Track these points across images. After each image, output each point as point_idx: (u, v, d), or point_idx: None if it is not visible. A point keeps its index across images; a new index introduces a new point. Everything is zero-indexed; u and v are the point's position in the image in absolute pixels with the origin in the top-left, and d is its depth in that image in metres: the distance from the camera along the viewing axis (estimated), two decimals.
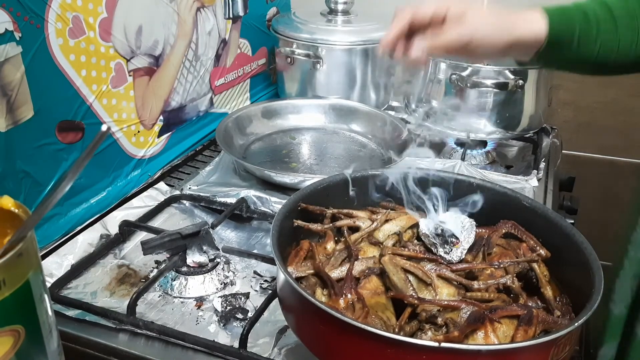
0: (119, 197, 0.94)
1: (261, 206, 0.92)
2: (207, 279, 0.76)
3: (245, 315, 0.71)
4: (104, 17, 0.85)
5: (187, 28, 1.05)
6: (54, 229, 0.82)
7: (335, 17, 1.21)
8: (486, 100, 1.08)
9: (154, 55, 0.98)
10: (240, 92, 1.28)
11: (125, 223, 0.85)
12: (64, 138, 0.82)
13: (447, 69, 1.09)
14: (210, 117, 1.18)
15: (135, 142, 0.97)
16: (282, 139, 1.14)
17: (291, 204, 0.66)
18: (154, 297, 0.75)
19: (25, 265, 0.40)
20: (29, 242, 0.41)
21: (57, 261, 0.78)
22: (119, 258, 0.82)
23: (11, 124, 0.73)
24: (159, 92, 1.01)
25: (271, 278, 0.79)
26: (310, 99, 1.20)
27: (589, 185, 1.33)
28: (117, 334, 0.68)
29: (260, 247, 0.87)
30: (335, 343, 0.52)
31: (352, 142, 1.15)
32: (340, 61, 1.17)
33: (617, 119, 1.39)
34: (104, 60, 0.87)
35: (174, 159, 1.07)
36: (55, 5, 0.77)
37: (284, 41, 1.20)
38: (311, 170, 1.03)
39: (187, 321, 0.71)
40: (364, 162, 1.06)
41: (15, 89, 0.73)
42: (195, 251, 0.77)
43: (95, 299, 0.74)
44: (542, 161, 1.09)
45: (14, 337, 0.40)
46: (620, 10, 0.74)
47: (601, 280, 0.54)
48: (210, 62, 1.14)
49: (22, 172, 0.76)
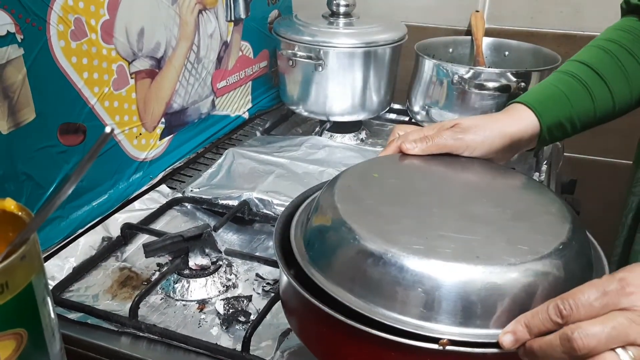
0: (121, 200, 0.94)
1: (263, 209, 0.92)
2: (210, 282, 0.76)
3: (247, 318, 0.71)
4: (105, 19, 0.85)
5: (188, 30, 1.05)
6: (55, 231, 0.82)
7: (337, 20, 1.21)
8: (488, 103, 1.08)
9: (155, 57, 0.98)
10: (242, 94, 1.28)
11: (127, 226, 0.85)
12: (65, 140, 0.82)
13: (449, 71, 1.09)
14: (212, 119, 1.18)
15: (137, 144, 0.97)
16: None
17: (294, 206, 0.66)
18: (156, 300, 0.75)
19: (28, 268, 0.40)
20: (32, 244, 0.41)
21: (59, 264, 0.78)
22: (121, 261, 0.82)
23: (13, 127, 0.73)
24: (160, 95, 1.01)
25: (273, 281, 0.78)
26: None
27: (590, 187, 1.33)
28: (119, 337, 0.68)
29: (263, 249, 0.87)
30: (338, 346, 0.52)
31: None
32: (342, 63, 1.17)
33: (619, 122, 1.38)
34: (105, 63, 0.87)
35: (176, 162, 1.07)
36: (57, 8, 0.77)
37: (285, 44, 1.19)
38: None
39: (190, 324, 0.71)
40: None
41: (17, 91, 0.73)
42: (197, 254, 0.76)
43: (97, 301, 0.74)
44: (544, 163, 1.08)
45: (17, 340, 0.39)
46: (604, 66, 0.76)
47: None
48: (212, 64, 1.14)
49: (24, 174, 0.76)
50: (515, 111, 0.73)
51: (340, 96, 1.20)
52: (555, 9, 1.32)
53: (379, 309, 0.49)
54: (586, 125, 0.77)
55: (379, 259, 0.50)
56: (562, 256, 0.50)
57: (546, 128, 0.73)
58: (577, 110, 0.75)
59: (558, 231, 0.53)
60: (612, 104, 0.76)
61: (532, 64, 1.20)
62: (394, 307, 0.49)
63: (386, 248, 0.50)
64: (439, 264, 0.49)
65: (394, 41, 1.19)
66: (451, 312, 0.48)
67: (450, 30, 1.39)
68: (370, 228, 0.52)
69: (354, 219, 0.54)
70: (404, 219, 0.56)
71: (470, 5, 1.37)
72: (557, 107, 0.74)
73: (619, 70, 0.76)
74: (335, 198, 0.57)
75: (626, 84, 0.76)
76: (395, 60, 1.22)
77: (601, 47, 0.78)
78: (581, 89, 0.75)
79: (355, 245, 0.52)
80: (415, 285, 0.48)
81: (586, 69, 0.76)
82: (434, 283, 0.48)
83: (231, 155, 1.08)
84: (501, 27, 1.36)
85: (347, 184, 0.60)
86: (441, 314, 0.48)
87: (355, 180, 0.62)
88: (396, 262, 0.49)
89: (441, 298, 0.48)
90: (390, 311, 0.49)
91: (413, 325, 0.48)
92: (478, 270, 0.48)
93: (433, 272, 0.48)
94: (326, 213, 0.56)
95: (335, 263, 0.53)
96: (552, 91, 0.75)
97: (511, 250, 0.50)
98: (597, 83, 0.75)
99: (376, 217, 0.55)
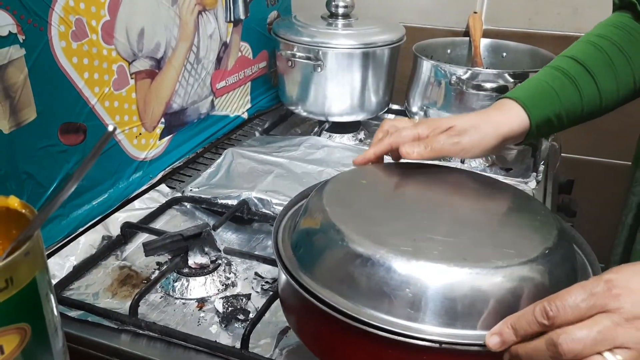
0: (121, 199, 0.94)
1: (262, 208, 0.93)
2: (209, 281, 0.77)
3: (246, 317, 0.71)
4: (106, 20, 0.86)
5: (188, 31, 1.05)
6: (56, 230, 0.82)
7: (335, 21, 1.21)
8: (486, 104, 1.09)
9: (155, 58, 0.98)
10: (241, 94, 1.28)
11: (127, 225, 0.86)
12: (66, 140, 0.82)
13: (447, 72, 1.10)
14: (212, 119, 1.18)
15: (137, 144, 0.98)
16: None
17: (292, 205, 0.67)
18: (156, 298, 0.75)
19: (32, 264, 0.41)
20: (36, 241, 0.41)
21: (59, 262, 0.79)
22: (121, 259, 0.83)
23: (14, 126, 0.74)
24: (160, 95, 1.02)
25: (272, 279, 0.79)
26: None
27: (587, 187, 1.33)
28: (120, 334, 0.68)
29: (262, 248, 0.88)
30: (337, 344, 0.53)
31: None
32: (340, 64, 1.17)
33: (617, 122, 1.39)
34: (106, 63, 0.87)
35: (175, 161, 1.08)
36: (59, 8, 0.77)
37: (284, 44, 1.20)
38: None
39: (189, 322, 0.72)
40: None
41: (19, 91, 0.73)
42: (196, 253, 0.77)
43: (98, 300, 0.75)
44: (541, 164, 1.09)
45: (21, 335, 0.40)
46: (594, 62, 0.77)
47: None
48: (211, 65, 1.15)
49: (25, 173, 0.76)
50: (506, 108, 0.74)
51: (339, 97, 1.21)
52: (553, 11, 1.33)
53: (366, 310, 0.49)
54: (573, 121, 0.78)
55: (367, 260, 0.50)
56: (548, 260, 0.51)
57: (535, 124, 0.74)
58: (566, 106, 0.76)
59: (544, 236, 0.54)
60: (599, 101, 0.77)
61: (530, 65, 1.21)
62: (381, 308, 0.49)
63: (374, 249, 0.50)
64: (427, 265, 0.49)
65: (393, 42, 1.19)
66: (438, 313, 0.48)
67: (448, 32, 1.40)
68: (359, 230, 0.53)
69: (343, 221, 0.54)
70: (392, 222, 0.56)
71: (468, 6, 1.38)
72: (546, 104, 0.75)
73: (607, 67, 0.77)
74: (324, 202, 0.58)
75: (614, 81, 0.77)
76: (393, 61, 1.23)
77: (592, 43, 0.79)
78: (570, 85, 0.76)
79: (343, 247, 0.52)
80: (403, 286, 0.49)
81: (575, 64, 0.77)
82: (421, 284, 0.49)
83: (230, 155, 1.08)
84: (499, 28, 1.37)
85: (336, 189, 0.61)
86: (428, 314, 0.48)
87: (344, 185, 0.63)
88: (384, 263, 0.50)
89: (429, 299, 0.48)
90: (378, 312, 0.49)
91: (401, 326, 0.48)
92: (465, 272, 0.49)
93: (421, 274, 0.49)
94: (315, 216, 0.57)
95: (323, 265, 0.54)
96: (542, 87, 0.76)
97: (498, 253, 0.51)
98: (586, 79, 0.76)
99: (365, 220, 0.56)
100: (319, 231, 0.55)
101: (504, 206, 0.62)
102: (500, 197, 0.64)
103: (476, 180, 0.68)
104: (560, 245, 0.53)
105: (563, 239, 0.55)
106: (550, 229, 0.55)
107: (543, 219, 0.57)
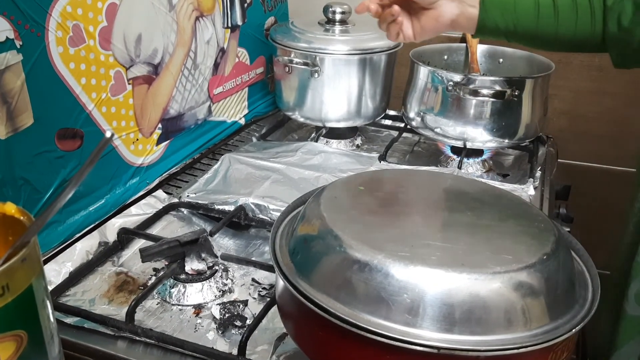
0: (118, 205, 0.94)
1: (259, 214, 0.93)
2: (206, 287, 0.76)
3: (243, 323, 0.71)
4: (103, 25, 0.86)
5: (186, 37, 1.05)
6: (52, 236, 0.82)
7: (332, 27, 1.22)
8: (483, 110, 1.09)
9: (153, 63, 0.98)
10: (238, 100, 1.28)
11: (124, 230, 0.85)
12: (63, 146, 0.82)
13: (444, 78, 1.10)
14: (209, 125, 1.18)
15: (134, 150, 0.98)
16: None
17: (289, 211, 0.66)
18: (153, 304, 0.75)
19: (28, 270, 0.41)
20: (32, 247, 0.41)
21: (56, 268, 0.78)
22: (118, 265, 0.83)
23: (11, 132, 0.74)
24: (157, 101, 1.02)
25: (269, 285, 0.79)
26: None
27: (584, 193, 1.34)
28: (116, 341, 0.68)
29: (259, 254, 0.88)
30: (334, 349, 0.52)
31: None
32: (337, 70, 1.17)
33: (613, 128, 1.40)
34: (103, 69, 0.87)
35: (172, 167, 1.07)
36: (56, 14, 0.77)
37: (281, 50, 1.20)
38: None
39: (186, 328, 0.71)
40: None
41: (16, 97, 0.73)
42: (193, 259, 0.77)
43: (94, 306, 0.74)
44: (538, 170, 1.09)
45: (17, 342, 0.40)
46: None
47: (598, 288, 0.55)
48: (208, 70, 1.15)
49: (21, 179, 0.76)
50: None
51: (336, 102, 1.21)
52: None
53: (364, 316, 0.49)
54: (526, 34, 0.87)
55: (365, 265, 0.50)
56: (546, 266, 0.51)
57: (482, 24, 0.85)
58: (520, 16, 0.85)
59: (542, 243, 0.54)
60: (555, 21, 0.84)
61: (526, 71, 1.22)
62: (379, 314, 0.49)
63: (372, 255, 0.51)
64: (425, 271, 0.49)
65: (390, 48, 1.20)
66: (436, 319, 0.48)
67: (445, 38, 1.40)
68: (357, 236, 0.53)
69: (340, 228, 0.54)
70: (390, 228, 0.57)
71: None
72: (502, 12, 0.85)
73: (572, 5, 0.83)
74: (322, 208, 0.58)
75: (573, 21, 0.83)
76: (390, 67, 1.23)
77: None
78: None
79: (341, 253, 0.52)
80: (400, 291, 0.49)
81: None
82: (419, 290, 0.49)
83: (227, 161, 1.08)
84: None
85: (334, 195, 0.61)
86: (426, 320, 0.48)
87: (342, 191, 0.63)
88: (382, 269, 0.50)
89: (426, 305, 0.48)
90: (376, 318, 0.49)
91: (398, 332, 0.48)
92: (463, 277, 0.49)
93: (418, 279, 0.49)
94: (313, 222, 0.57)
95: (321, 271, 0.54)
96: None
97: (496, 259, 0.51)
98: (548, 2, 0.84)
99: (362, 226, 0.56)
100: (316, 237, 0.55)
101: (501, 212, 0.62)
102: (497, 203, 0.64)
103: (473, 186, 0.68)
104: (558, 252, 0.53)
105: (561, 245, 0.55)
106: (547, 235, 0.55)
107: (540, 225, 0.58)
